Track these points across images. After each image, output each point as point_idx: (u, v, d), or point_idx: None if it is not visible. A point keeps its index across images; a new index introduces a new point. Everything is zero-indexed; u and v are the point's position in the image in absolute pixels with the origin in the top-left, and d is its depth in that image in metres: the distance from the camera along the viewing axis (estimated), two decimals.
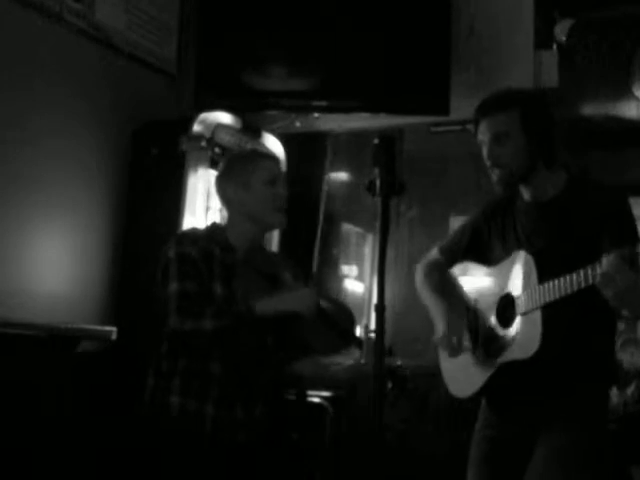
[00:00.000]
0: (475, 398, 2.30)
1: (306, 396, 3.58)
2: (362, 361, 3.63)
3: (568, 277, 1.96)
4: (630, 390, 3.22)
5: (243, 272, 2.34)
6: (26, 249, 3.24)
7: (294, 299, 2.29)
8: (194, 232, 2.48)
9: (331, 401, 3.60)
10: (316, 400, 3.60)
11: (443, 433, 3.57)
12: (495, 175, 2.21)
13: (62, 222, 3.42)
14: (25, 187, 3.23)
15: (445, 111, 3.65)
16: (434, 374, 2.52)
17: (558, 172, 2.22)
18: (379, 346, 1.75)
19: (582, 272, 1.93)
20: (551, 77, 3.68)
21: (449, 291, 2.39)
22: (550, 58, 3.73)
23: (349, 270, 4.19)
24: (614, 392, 3.19)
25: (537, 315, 2.05)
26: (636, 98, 3.65)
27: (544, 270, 2.06)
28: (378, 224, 1.79)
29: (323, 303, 2.37)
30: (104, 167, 3.63)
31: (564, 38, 3.71)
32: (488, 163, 2.22)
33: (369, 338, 3.70)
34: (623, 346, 3.39)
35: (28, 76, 3.26)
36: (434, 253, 2.49)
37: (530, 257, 2.11)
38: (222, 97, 3.81)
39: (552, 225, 2.16)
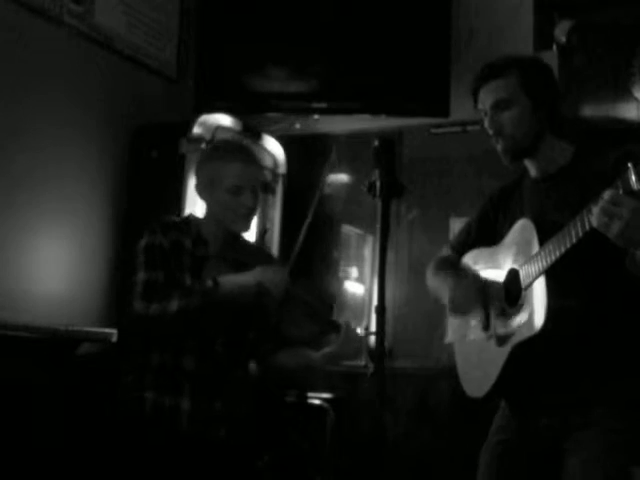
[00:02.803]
0: (492, 397, 2.09)
1: (306, 398, 3.58)
2: (362, 363, 3.62)
3: (565, 228, 1.79)
4: None
5: (213, 265, 2.31)
6: (26, 252, 3.24)
7: (258, 272, 2.23)
8: (168, 221, 2.42)
9: (331, 403, 3.60)
10: (316, 402, 3.59)
11: (444, 434, 3.57)
12: (499, 145, 2.08)
13: (62, 225, 3.42)
14: (25, 190, 3.23)
15: (445, 113, 3.65)
16: (434, 375, 2.53)
17: (565, 141, 2.09)
18: (379, 348, 1.75)
19: (578, 218, 1.76)
20: None
21: (460, 272, 2.24)
22: (550, 59, 3.71)
23: (349, 272, 4.18)
24: None
25: (541, 284, 1.87)
26: (635, 99, 3.65)
27: (546, 235, 1.89)
28: (378, 226, 1.79)
29: (299, 290, 2.31)
30: (104, 170, 3.62)
31: (564, 39, 3.71)
32: (490, 132, 2.10)
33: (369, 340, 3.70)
34: None
35: (27, 78, 3.25)
36: (444, 250, 2.39)
37: (529, 222, 1.99)
38: (222, 99, 3.81)
39: (560, 197, 2.01)
